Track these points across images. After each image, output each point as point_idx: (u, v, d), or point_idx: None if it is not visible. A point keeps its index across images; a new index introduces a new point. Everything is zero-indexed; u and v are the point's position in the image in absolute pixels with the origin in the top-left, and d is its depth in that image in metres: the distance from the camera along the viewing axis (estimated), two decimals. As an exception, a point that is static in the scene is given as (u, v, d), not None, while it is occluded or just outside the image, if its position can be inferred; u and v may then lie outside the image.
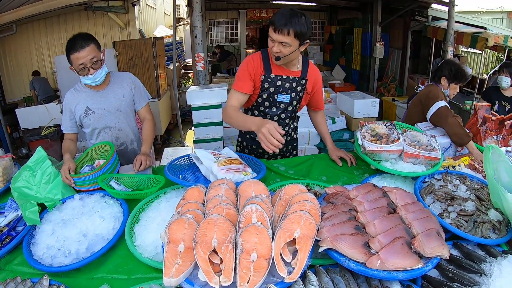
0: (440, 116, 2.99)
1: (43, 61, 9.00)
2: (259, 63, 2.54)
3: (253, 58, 2.56)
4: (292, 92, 2.62)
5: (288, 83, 2.58)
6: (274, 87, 2.57)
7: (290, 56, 2.39)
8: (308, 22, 2.30)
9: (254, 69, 2.52)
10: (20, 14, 6.89)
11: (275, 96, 2.61)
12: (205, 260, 1.32)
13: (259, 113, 2.72)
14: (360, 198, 1.81)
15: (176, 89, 7.17)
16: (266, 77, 2.54)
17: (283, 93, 2.60)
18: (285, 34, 2.24)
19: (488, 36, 6.77)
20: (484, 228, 1.76)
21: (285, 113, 2.71)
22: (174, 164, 2.45)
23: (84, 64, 2.45)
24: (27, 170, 2.19)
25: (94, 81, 2.56)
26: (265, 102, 2.64)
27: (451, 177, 2.21)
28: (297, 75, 2.60)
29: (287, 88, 2.59)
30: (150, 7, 12.15)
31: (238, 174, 2.16)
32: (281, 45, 2.30)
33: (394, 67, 10.73)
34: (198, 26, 5.67)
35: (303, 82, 2.63)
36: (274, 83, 2.56)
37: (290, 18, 2.21)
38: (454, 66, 3.37)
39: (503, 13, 14.70)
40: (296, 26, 2.22)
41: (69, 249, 1.73)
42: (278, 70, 2.55)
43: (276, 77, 2.55)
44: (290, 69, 2.58)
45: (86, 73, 2.50)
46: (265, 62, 2.54)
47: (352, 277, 1.46)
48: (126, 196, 2.11)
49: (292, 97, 2.63)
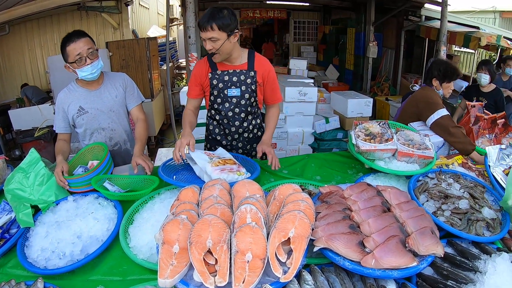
0: (441, 125, 2.86)
1: (36, 62, 8.92)
2: (204, 64, 2.68)
3: (199, 62, 2.75)
4: (242, 85, 2.69)
5: (236, 76, 2.66)
6: (222, 82, 2.67)
7: (224, 49, 2.50)
8: (230, 13, 2.45)
9: (199, 72, 2.69)
10: (13, 14, 6.83)
11: (225, 91, 2.69)
12: (200, 260, 1.32)
13: (215, 112, 2.81)
14: (354, 197, 1.82)
15: (170, 90, 7.12)
16: (213, 74, 2.66)
17: (232, 87, 2.68)
18: (209, 29, 2.39)
19: (481, 36, 6.81)
20: (478, 226, 1.77)
21: (238, 108, 2.75)
22: (168, 165, 2.44)
23: (81, 55, 2.45)
24: (20, 172, 2.18)
25: (92, 73, 2.54)
26: (217, 98, 2.73)
27: (444, 175, 2.23)
28: (243, 68, 2.68)
29: (235, 82, 2.67)
30: (144, 7, 12.09)
31: (232, 174, 2.17)
32: (211, 41, 2.44)
33: (387, 66, 10.75)
34: (192, 26, 5.65)
35: (252, 74, 2.68)
36: (221, 78, 2.66)
37: (211, 15, 2.39)
38: (442, 65, 3.25)
39: (495, 13, 14.79)
40: (217, 20, 2.37)
41: (64, 251, 1.72)
42: (223, 66, 2.67)
43: (223, 73, 2.65)
44: (235, 64, 2.68)
45: (83, 63, 2.48)
46: (210, 62, 2.67)
47: (347, 276, 1.47)
48: (120, 198, 2.11)
49: (242, 90, 2.69)
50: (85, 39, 2.48)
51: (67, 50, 2.45)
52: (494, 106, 4.90)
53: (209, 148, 2.95)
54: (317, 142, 6.08)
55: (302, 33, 13.90)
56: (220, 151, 2.54)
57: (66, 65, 2.52)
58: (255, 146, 2.89)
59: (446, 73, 3.18)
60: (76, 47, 2.44)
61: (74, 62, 2.47)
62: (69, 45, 2.44)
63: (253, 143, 2.95)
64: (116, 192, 2.15)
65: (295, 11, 13.52)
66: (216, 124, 2.87)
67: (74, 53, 2.45)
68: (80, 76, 2.54)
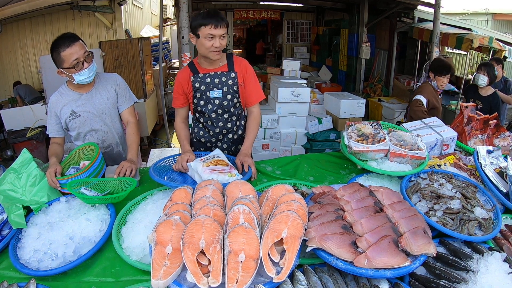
0: (411, 104, 4.02)
1: (28, 61, 8.86)
2: (186, 70, 2.75)
3: (181, 71, 2.81)
4: (224, 87, 2.73)
5: (217, 78, 2.71)
6: (204, 84, 2.71)
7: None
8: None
9: (181, 78, 2.75)
10: (5, 13, 6.79)
11: (207, 93, 2.73)
12: (193, 261, 1.32)
13: (199, 114, 2.85)
14: (347, 198, 1.83)
15: (163, 90, 7.10)
16: (195, 77, 2.71)
17: (215, 89, 2.72)
18: (225, 26, 2.51)
19: (473, 38, 6.86)
20: (470, 225, 1.79)
21: (221, 109, 2.78)
22: (160, 166, 2.44)
23: (78, 59, 2.41)
24: (12, 173, 2.16)
25: (89, 76, 2.51)
26: (200, 101, 2.76)
27: (436, 176, 2.24)
28: (224, 70, 2.74)
29: (217, 84, 2.72)
30: (137, 7, 12.05)
31: (222, 175, 2.17)
32: (221, 38, 2.52)
33: (380, 67, 10.79)
34: (185, 27, 5.64)
35: (233, 75, 2.74)
36: (203, 81, 2.70)
37: (218, 14, 2.50)
38: (437, 61, 4.21)
39: (488, 15, 14.87)
40: (225, 19, 2.52)
41: (56, 253, 1.71)
42: (205, 70, 2.73)
43: (205, 75, 2.70)
44: (216, 66, 2.74)
45: (81, 68, 2.45)
46: (191, 67, 2.74)
47: (340, 276, 1.47)
48: (99, 201, 2.08)
49: (224, 91, 2.74)
50: (79, 43, 2.44)
51: (62, 55, 2.40)
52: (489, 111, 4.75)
53: (194, 150, 2.92)
54: (310, 142, 6.09)
55: (296, 34, 13.91)
56: (216, 152, 2.54)
57: (60, 70, 2.47)
58: (239, 147, 2.90)
59: (439, 68, 4.06)
60: (72, 51, 2.40)
61: (72, 67, 2.43)
62: (64, 50, 2.39)
63: (237, 144, 2.97)
64: (95, 196, 2.10)
65: (288, 12, 13.53)
66: (201, 127, 2.89)
67: (71, 58, 2.40)
68: (77, 80, 2.49)
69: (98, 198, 2.06)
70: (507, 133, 2.97)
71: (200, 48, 2.57)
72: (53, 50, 2.42)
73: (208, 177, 2.13)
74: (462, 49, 7.45)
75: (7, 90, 8.43)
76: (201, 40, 2.50)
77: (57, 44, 2.41)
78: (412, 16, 9.44)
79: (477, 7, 14.93)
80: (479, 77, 4.80)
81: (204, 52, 2.57)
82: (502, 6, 14.61)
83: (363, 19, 9.68)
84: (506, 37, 8.82)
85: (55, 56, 2.43)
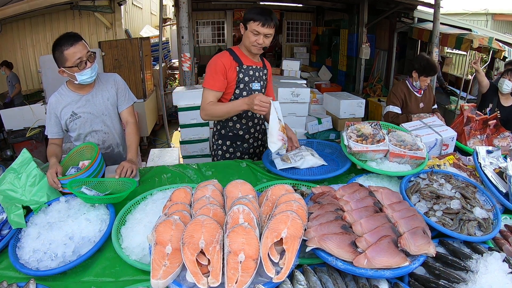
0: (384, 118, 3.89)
1: (28, 61, 8.87)
2: (230, 59, 2.74)
3: (222, 55, 2.77)
4: (261, 81, 2.90)
5: (258, 72, 2.85)
6: (248, 76, 2.80)
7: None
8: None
9: (225, 65, 2.71)
10: (5, 13, 6.79)
11: (250, 85, 2.82)
12: (192, 261, 1.32)
13: None
14: (346, 198, 1.82)
15: (162, 90, 7.10)
16: (240, 68, 2.76)
17: (255, 81, 2.85)
18: (273, 26, 2.60)
19: (472, 38, 6.87)
20: (469, 225, 1.79)
21: None
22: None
23: (81, 58, 2.40)
24: (12, 173, 2.16)
25: (91, 76, 2.50)
26: (243, 92, 2.82)
27: (436, 176, 2.24)
28: (260, 65, 2.89)
29: (257, 77, 2.86)
30: (137, 7, 12.06)
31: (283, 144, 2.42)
32: (266, 37, 2.63)
33: (380, 68, 10.81)
34: (185, 27, 5.65)
35: (266, 71, 2.94)
36: (247, 72, 2.79)
37: (270, 12, 2.59)
38: (424, 60, 3.76)
39: (487, 15, 14.88)
40: (275, 19, 2.61)
41: (56, 253, 1.71)
42: (247, 62, 2.80)
43: (248, 67, 2.79)
44: (255, 60, 2.86)
45: (84, 67, 2.44)
46: (235, 57, 2.76)
47: (340, 276, 1.47)
48: (100, 201, 2.08)
49: (261, 85, 2.90)
50: (82, 42, 2.43)
51: (65, 54, 2.38)
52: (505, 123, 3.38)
53: (230, 145, 3.00)
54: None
55: (295, 34, 13.95)
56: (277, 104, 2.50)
57: (62, 69, 2.46)
58: (265, 139, 3.12)
59: (425, 69, 3.72)
60: (75, 50, 2.38)
61: (74, 66, 2.42)
62: (67, 49, 2.37)
63: (264, 134, 3.16)
64: (95, 196, 2.11)
65: (288, 12, 13.56)
66: (236, 120, 2.92)
67: (74, 57, 2.39)
68: (79, 80, 2.47)
69: (98, 198, 2.06)
70: (507, 133, 2.97)
71: (245, 40, 2.69)
72: (56, 49, 2.41)
73: (278, 142, 2.38)
74: (462, 49, 7.47)
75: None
76: (248, 33, 2.63)
77: (60, 43, 2.39)
78: (412, 16, 9.46)
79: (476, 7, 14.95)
80: (503, 82, 4.05)
81: (247, 45, 2.70)
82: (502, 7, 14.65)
83: (363, 19, 9.70)
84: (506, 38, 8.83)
85: (57, 55, 2.41)
